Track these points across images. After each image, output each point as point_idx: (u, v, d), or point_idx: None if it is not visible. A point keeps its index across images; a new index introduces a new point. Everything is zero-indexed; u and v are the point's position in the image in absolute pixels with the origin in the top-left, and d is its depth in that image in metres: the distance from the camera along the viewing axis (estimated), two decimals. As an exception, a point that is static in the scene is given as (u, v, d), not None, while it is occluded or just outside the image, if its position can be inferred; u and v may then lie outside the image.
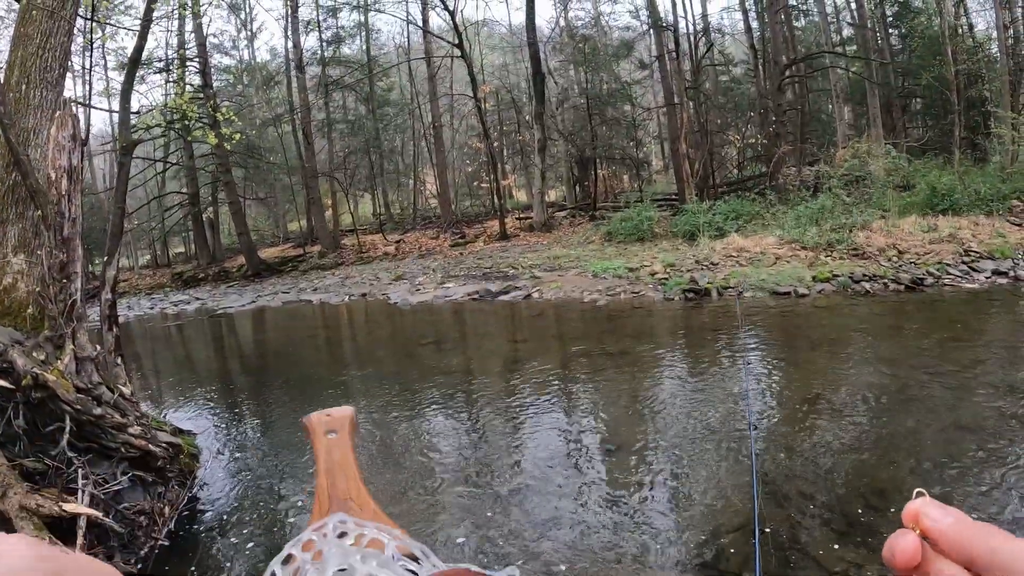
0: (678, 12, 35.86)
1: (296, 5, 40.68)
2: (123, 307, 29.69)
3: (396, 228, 44.25)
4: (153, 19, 20.87)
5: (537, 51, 35.28)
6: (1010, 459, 5.92)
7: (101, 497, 5.73)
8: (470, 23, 43.17)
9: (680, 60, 35.10)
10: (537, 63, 35.03)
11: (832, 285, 15.53)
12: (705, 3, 43.37)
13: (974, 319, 11.94)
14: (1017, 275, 14.92)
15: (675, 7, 35.61)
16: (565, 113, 41.86)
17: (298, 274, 34.99)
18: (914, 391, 7.96)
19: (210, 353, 18.31)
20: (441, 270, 26.43)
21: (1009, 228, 18.95)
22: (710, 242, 22.27)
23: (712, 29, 41.44)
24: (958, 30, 32.35)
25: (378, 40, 49.84)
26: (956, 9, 32.98)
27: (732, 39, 47.11)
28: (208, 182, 43.22)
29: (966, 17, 34.45)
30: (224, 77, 46.89)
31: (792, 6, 37.72)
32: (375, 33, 48.09)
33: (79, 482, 5.61)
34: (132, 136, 21.56)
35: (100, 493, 5.74)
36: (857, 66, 34.68)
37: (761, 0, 35.13)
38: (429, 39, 42.28)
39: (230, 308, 25.42)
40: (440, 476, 6.88)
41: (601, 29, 43.37)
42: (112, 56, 39.46)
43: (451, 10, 35.26)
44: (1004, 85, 27.82)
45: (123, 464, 6.21)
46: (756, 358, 10.38)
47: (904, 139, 29.53)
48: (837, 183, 21.89)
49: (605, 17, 44.66)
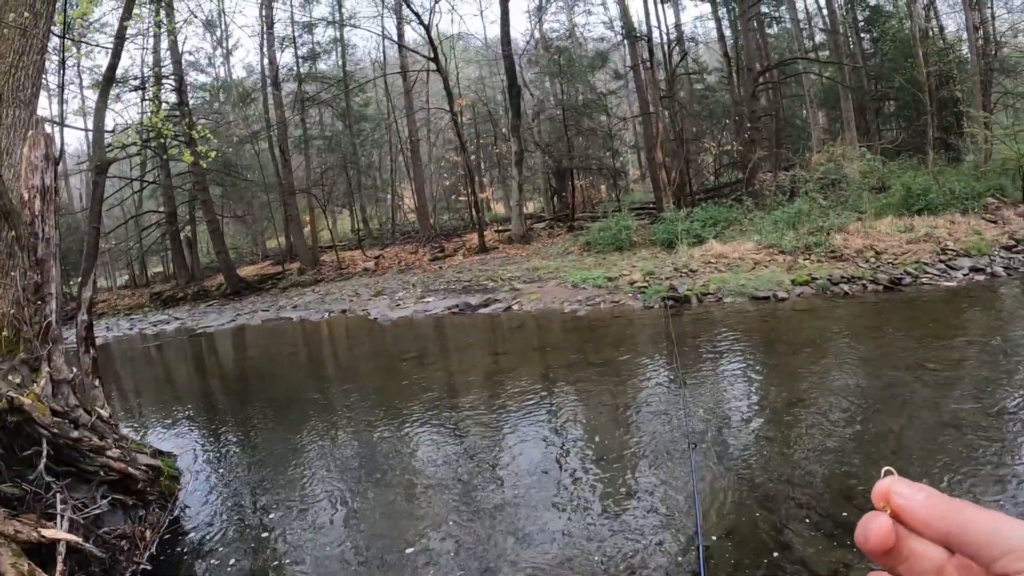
0: (652, 22, 35.92)
1: (271, 22, 40.67)
2: (101, 328, 29.47)
3: (375, 243, 44.12)
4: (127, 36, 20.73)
5: (512, 63, 35.34)
6: (994, 455, 5.92)
7: (80, 522, 5.64)
8: (445, 37, 43.28)
9: (655, 69, 35.25)
10: (513, 75, 35.09)
11: (811, 288, 15.57)
12: (678, 12, 43.34)
13: (953, 317, 11.99)
14: (994, 271, 15.06)
15: (648, 17, 35.71)
16: (541, 125, 41.99)
17: (278, 291, 34.80)
18: (896, 390, 7.96)
19: (190, 373, 18.14)
20: (421, 285, 26.34)
21: (985, 225, 19.11)
22: (688, 249, 22.31)
23: (686, 38, 41.70)
24: (929, 32, 32.77)
25: (354, 55, 49.98)
26: (926, 12, 33.41)
27: (706, 47, 47.51)
28: (185, 200, 42.92)
29: (936, 19, 34.87)
30: (200, 94, 46.74)
31: (764, 14, 38.06)
32: (351, 48, 48.14)
33: (58, 507, 5.51)
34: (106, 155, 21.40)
35: (79, 518, 5.65)
36: (830, 71, 34.95)
37: (734, 9, 35.34)
38: (405, 53, 42.34)
39: (210, 327, 25.25)
40: (424, 491, 6.80)
41: (576, 40, 43.54)
42: (87, 74, 39.38)
43: (426, 24, 35.31)
44: (975, 85, 28.16)
45: (102, 488, 6.12)
46: (737, 364, 10.39)
47: (878, 141, 29.79)
48: (813, 187, 22.02)
49: (580, 28, 44.94)
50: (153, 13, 27.51)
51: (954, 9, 35.76)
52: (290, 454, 8.60)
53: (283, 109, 39.93)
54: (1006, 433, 6.37)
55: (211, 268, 44.98)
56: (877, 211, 21.39)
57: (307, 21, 43.71)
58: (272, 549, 5.99)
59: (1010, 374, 8.14)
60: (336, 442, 9.02)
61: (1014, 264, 15.75)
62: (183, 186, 41.80)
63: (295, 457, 8.48)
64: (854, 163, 23.14)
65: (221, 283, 39.01)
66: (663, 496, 6.05)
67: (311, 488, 7.33)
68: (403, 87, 42.88)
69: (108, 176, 23.72)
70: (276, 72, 40.11)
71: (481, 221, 36.69)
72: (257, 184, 44.99)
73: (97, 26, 28.56)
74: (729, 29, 38.97)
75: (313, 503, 6.87)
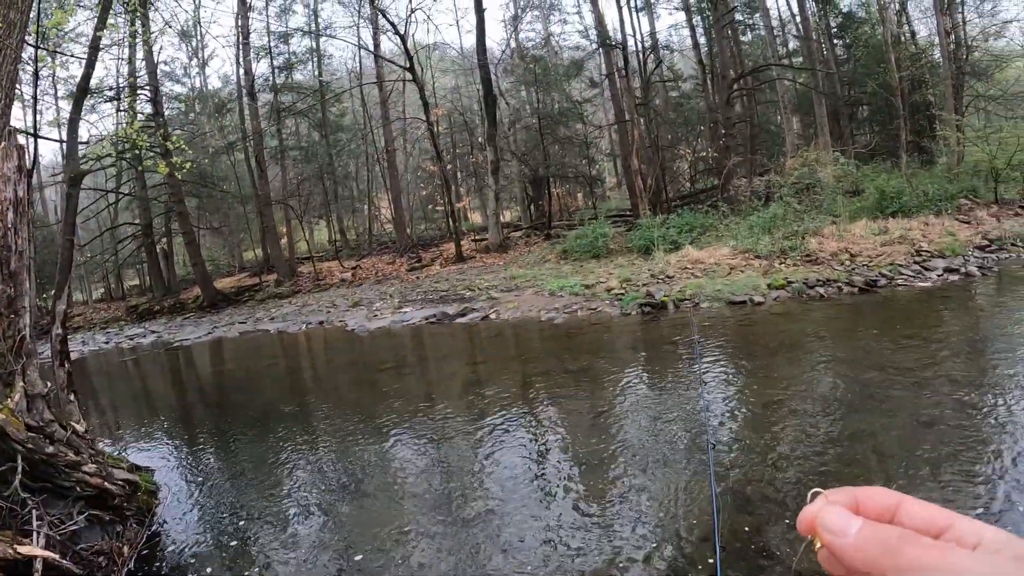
0: (627, 30, 36.01)
1: (247, 32, 40.44)
2: (77, 342, 29.16)
3: (352, 254, 43.96)
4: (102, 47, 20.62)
5: (488, 73, 35.38)
6: (970, 451, 5.93)
7: (57, 538, 5.59)
8: (421, 47, 43.19)
9: (630, 77, 35.38)
10: (488, 85, 35.13)
11: (787, 291, 15.64)
12: (653, 21, 43.42)
13: (928, 317, 12.09)
14: (968, 271, 15.23)
15: (623, 26, 35.68)
16: (517, 133, 42.05)
17: (255, 303, 34.52)
18: (873, 390, 8.00)
19: (167, 387, 17.96)
20: (398, 295, 26.25)
21: (958, 226, 19.36)
22: (665, 255, 22.38)
23: (660, 46, 41.88)
24: (901, 38, 33.24)
25: (330, 65, 49.77)
26: (898, 17, 33.89)
27: (680, 55, 47.76)
28: (161, 212, 42.48)
29: (908, 25, 35.37)
30: (175, 105, 46.31)
31: (738, 21, 38.38)
32: (327, 59, 47.99)
33: (34, 523, 5.47)
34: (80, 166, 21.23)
35: (56, 534, 5.60)
36: (804, 77, 35.28)
37: (708, 17, 35.60)
38: (381, 63, 42.26)
39: (186, 340, 25.04)
40: (404, 501, 6.73)
41: (552, 49, 43.68)
42: (62, 85, 38.99)
43: (402, 34, 35.27)
44: (947, 89, 28.53)
45: (79, 503, 6.07)
46: (715, 367, 10.40)
47: (852, 146, 30.08)
48: (788, 192, 22.20)
49: (555, 37, 45.13)
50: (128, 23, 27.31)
51: (926, 14, 36.24)
52: (268, 467, 8.53)
53: (259, 120, 39.69)
54: (983, 432, 6.39)
55: (187, 280, 44.61)
56: (851, 214, 21.57)
57: (283, 31, 43.60)
58: (251, 564, 5.90)
59: (985, 372, 8.21)
60: (314, 454, 8.95)
61: (988, 264, 16.00)
62: (159, 198, 41.39)
63: (273, 470, 8.41)
64: (828, 167, 23.37)
65: (198, 296, 38.67)
66: (645, 501, 6.04)
67: (290, 501, 7.26)
68: (379, 97, 42.77)
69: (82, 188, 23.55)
70: (252, 82, 39.88)
71: (458, 230, 36.65)
72: (233, 195, 44.65)
73: (72, 36, 28.43)
74: (703, 37, 39.30)
75: (292, 516, 6.79)
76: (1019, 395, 7.20)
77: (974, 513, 4.93)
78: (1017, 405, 6.94)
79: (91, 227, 44.29)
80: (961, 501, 5.16)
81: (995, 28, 33.38)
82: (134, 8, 21.14)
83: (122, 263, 45.84)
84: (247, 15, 40.64)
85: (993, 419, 6.66)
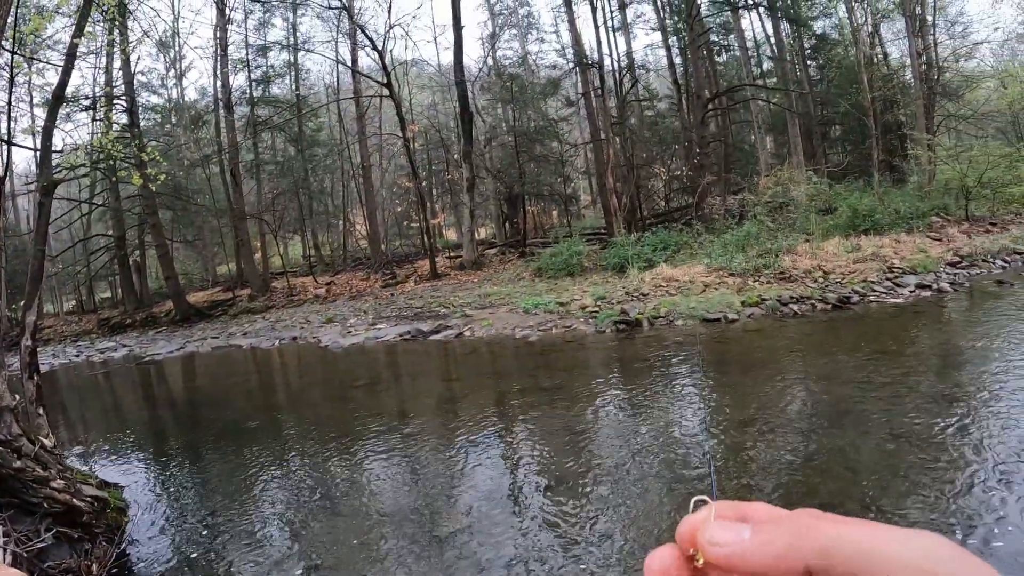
0: (603, 50, 36.24)
1: (225, 44, 40.29)
2: (47, 355, 28.81)
3: (327, 270, 43.72)
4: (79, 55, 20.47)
5: (465, 90, 35.44)
6: (944, 465, 5.95)
7: (24, 556, 5.50)
8: (399, 63, 43.25)
9: (606, 96, 35.60)
10: (465, 102, 35.18)
11: (761, 309, 15.70)
12: (630, 41, 43.80)
13: (901, 332, 12.16)
14: (940, 287, 15.41)
15: (600, 45, 35.89)
16: (493, 151, 42.14)
17: (228, 318, 34.23)
18: (848, 406, 8.02)
19: (138, 402, 17.72)
20: (372, 311, 26.13)
21: (930, 243, 19.61)
22: (639, 273, 22.41)
23: (636, 66, 42.16)
24: (873, 59, 33.81)
25: (307, 80, 49.53)
26: (871, 39, 34.40)
27: (656, 75, 48.04)
28: (135, 224, 42.05)
29: (880, 46, 36.00)
30: (152, 116, 45.88)
31: (713, 42, 38.75)
32: (304, 73, 47.72)
33: (0, 540, 5.39)
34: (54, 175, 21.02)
35: (23, 551, 5.51)
36: (777, 97, 35.67)
37: (684, 37, 35.88)
38: (358, 79, 42.20)
39: (158, 355, 24.77)
40: (377, 521, 6.63)
41: (528, 68, 43.85)
42: (38, 92, 38.67)
43: (380, 50, 35.24)
44: (919, 109, 28.98)
45: (47, 520, 5.98)
46: (690, 384, 10.44)
47: (825, 165, 30.39)
48: (761, 210, 22.37)
49: (532, 56, 45.33)
50: (106, 32, 27.13)
51: (898, 36, 36.90)
52: (240, 484, 8.40)
53: (235, 133, 39.49)
54: (957, 446, 6.40)
55: (160, 294, 44.09)
56: (824, 232, 21.77)
57: (261, 44, 43.48)
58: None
59: (957, 387, 8.26)
60: (287, 471, 8.84)
61: (959, 280, 16.23)
62: (132, 209, 40.94)
63: (245, 487, 8.28)
64: (801, 186, 23.61)
65: (170, 309, 38.28)
66: (619, 519, 6.00)
67: (261, 519, 7.13)
68: (356, 112, 42.73)
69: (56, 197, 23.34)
70: (229, 95, 39.71)
71: (433, 247, 36.56)
72: (208, 209, 44.30)
73: (50, 43, 28.17)
74: (679, 57, 39.55)
75: (264, 534, 6.67)
76: (990, 409, 7.25)
77: (947, 525, 4.96)
78: (988, 419, 6.98)
79: (63, 238, 43.92)
80: (935, 515, 5.17)
81: (966, 49, 34.03)
82: (113, 17, 20.99)
83: (94, 275, 45.30)
84: (226, 27, 40.53)
85: (966, 433, 6.69)
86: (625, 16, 41.19)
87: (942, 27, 33.96)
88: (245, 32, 43.39)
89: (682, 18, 34.86)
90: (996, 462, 5.94)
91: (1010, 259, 18.36)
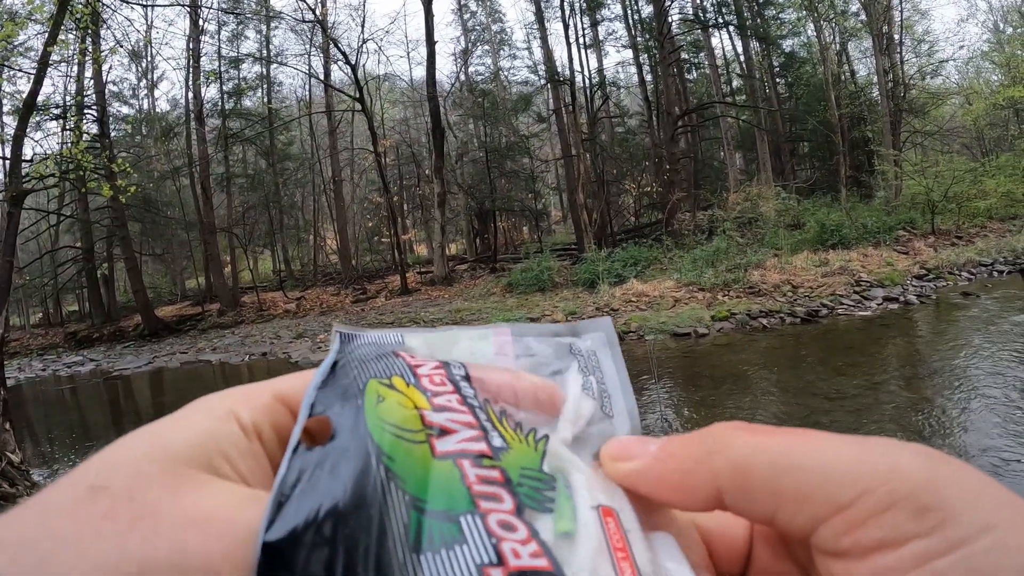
0: (575, 67, 36.35)
1: (198, 55, 40.03)
2: (13, 369, 28.25)
3: (297, 285, 43.29)
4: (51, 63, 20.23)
5: (437, 105, 35.34)
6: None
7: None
8: (372, 77, 43.18)
9: (577, 113, 35.65)
10: (437, 117, 35.09)
11: (731, 323, 15.70)
12: (601, 58, 43.94)
13: (869, 344, 12.19)
14: (907, 300, 15.52)
15: (572, 62, 35.96)
16: (465, 166, 42.12)
17: (197, 333, 33.76)
18: (818, 417, 7.98)
19: (105, 417, 17.51)
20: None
21: (897, 256, 19.78)
22: (610, 289, 22.35)
23: (607, 82, 42.35)
24: (841, 77, 34.26)
25: (279, 93, 49.26)
26: (838, 57, 34.84)
27: (627, 92, 48.36)
28: (103, 236, 41.44)
29: (848, 64, 36.53)
30: (122, 127, 45.37)
31: (684, 60, 38.97)
32: (276, 86, 47.52)
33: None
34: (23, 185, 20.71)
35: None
36: (746, 114, 35.97)
37: (654, 55, 36.10)
38: (331, 93, 42.04)
39: (126, 370, 24.37)
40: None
41: (500, 84, 43.99)
42: (8, 100, 38.12)
43: (353, 64, 35.18)
44: (885, 125, 29.38)
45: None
46: (660, 398, 10.41)
47: (793, 181, 30.62)
48: (730, 225, 22.46)
49: (505, 72, 45.52)
50: (79, 40, 26.85)
51: (865, 55, 37.45)
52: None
53: (206, 145, 39.04)
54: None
55: (128, 308, 43.39)
56: (793, 247, 21.88)
57: (234, 56, 43.23)
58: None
59: (924, 395, 8.28)
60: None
61: (926, 292, 16.38)
62: (101, 221, 40.38)
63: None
64: (770, 202, 23.74)
65: (139, 323, 37.65)
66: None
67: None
68: (328, 126, 42.62)
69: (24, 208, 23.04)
70: (200, 107, 39.32)
71: (404, 263, 36.36)
72: (177, 222, 43.74)
73: (21, 50, 27.85)
74: (650, 74, 39.83)
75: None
76: (955, 415, 7.28)
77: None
78: (954, 428, 7.00)
79: (31, 249, 43.27)
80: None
81: (932, 67, 34.57)
82: (86, 25, 20.78)
83: (61, 287, 44.44)
84: (199, 38, 40.23)
85: (933, 440, 6.69)
86: (597, 33, 41.51)
87: (909, 46, 34.61)
88: (218, 44, 43.25)
89: (653, 36, 35.13)
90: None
91: (975, 271, 18.63)
